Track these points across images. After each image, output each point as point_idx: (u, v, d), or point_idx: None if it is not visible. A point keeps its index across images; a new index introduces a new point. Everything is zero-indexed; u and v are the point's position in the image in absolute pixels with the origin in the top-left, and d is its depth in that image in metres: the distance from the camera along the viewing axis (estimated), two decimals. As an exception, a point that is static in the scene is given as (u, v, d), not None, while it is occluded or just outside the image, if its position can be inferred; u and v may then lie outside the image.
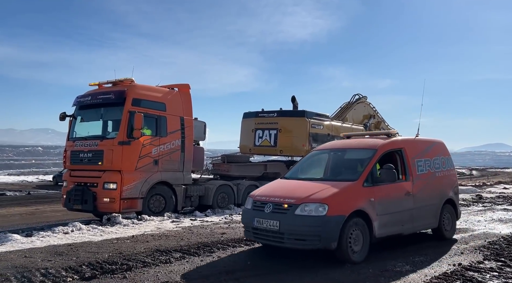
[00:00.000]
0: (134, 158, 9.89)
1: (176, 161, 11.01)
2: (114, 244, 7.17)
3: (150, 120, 10.31)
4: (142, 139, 10.00)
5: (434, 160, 7.71)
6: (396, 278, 5.34)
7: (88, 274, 5.30)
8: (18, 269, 5.48)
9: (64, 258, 6.11)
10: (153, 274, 5.42)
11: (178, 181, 11.11)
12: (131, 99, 9.92)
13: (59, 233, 8.21)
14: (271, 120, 15.80)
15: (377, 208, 6.20)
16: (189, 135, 11.26)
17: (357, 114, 20.29)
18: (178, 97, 11.22)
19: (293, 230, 5.73)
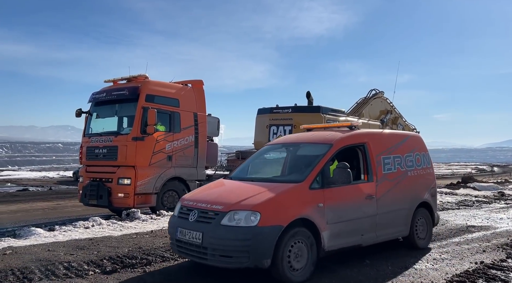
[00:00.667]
0: (148, 153, 9.98)
1: (190, 157, 11.06)
2: (134, 239, 7.29)
3: (163, 116, 10.39)
4: (156, 135, 10.06)
5: (407, 157, 6.63)
6: (416, 276, 5.27)
7: (109, 268, 5.41)
8: (42, 262, 5.64)
9: (86, 252, 6.25)
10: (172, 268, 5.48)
11: (191, 177, 11.14)
12: (145, 95, 9.99)
13: (80, 227, 8.40)
14: (285, 116, 15.66)
15: (328, 215, 5.13)
16: (202, 131, 11.31)
17: (373, 110, 19.98)
18: (191, 93, 11.26)
19: (217, 244, 4.61)
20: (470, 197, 15.40)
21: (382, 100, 20.90)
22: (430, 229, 7.02)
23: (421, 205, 6.75)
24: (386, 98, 21.19)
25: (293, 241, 4.78)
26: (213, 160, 12.46)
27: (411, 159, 6.71)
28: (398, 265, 5.73)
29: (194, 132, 11.05)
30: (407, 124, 22.75)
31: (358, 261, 5.85)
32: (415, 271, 5.50)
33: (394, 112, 21.54)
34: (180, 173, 10.81)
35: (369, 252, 6.23)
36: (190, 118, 11.02)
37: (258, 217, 4.58)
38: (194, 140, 11.08)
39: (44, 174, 33.43)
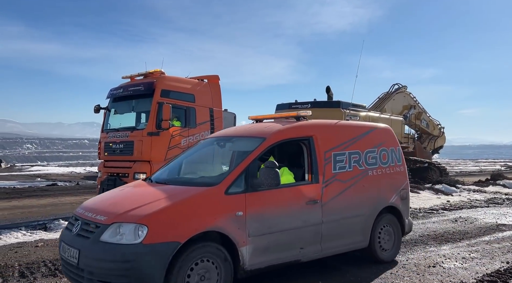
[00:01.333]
0: (163, 148, 9.99)
1: None
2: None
3: (179, 112, 10.40)
4: (171, 131, 10.05)
5: (368, 153, 5.52)
6: (444, 275, 5.14)
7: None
8: (71, 254, 5.79)
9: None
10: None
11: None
12: (160, 90, 10.01)
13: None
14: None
15: (250, 225, 4.14)
16: (218, 127, 11.17)
17: (396, 105, 19.56)
18: (207, 89, 11.21)
19: (93, 267, 3.62)
20: (499, 194, 14.90)
21: (405, 95, 20.38)
22: (398, 238, 5.87)
23: (386, 210, 5.63)
24: (409, 93, 20.63)
25: (195, 261, 3.79)
26: None
27: (374, 155, 5.60)
28: (426, 263, 5.60)
29: (210, 128, 10.98)
30: (431, 120, 22.24)
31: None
32: (444, 269, 5.37)
33: (417, 107, 20.99)
34: None
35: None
36: (206, 114, 10.98)
37: (145, 231, 3.60)
38: None
39: (72, 169, 34.39)
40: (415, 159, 18.31)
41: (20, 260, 5.54)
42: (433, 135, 22.44)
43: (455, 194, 14.76)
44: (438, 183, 17.00)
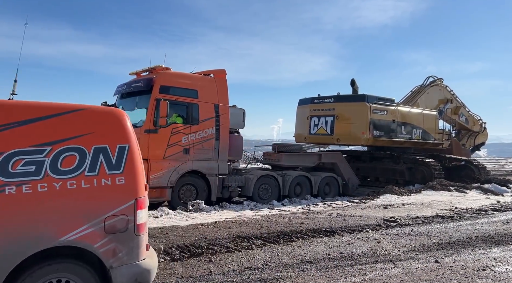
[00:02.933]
0: (161, 146, 9.73)
1: (210, 150, 10.58)
2: (199, 229, 7.58)
3: (180, 108, 10.11)
4: (171, 128, 9.81)
5: (15, 156, 3.18)
6: (495, 279, 4.88)
7: (178, 256, 5.69)
8: (117, 248, 6.06)
9: (156, 240, 6.61)
10: (236, 259, 5.64)
11: (212, 171, 10.64)
12: (159, 86, 9.77)
13: (150, 216, 8.89)
14: (327, 107, 14.68)
15: None
16: (224, 123, 10.82)
17: (430, 99, 18.36)
18: (212, 84, 10.77)
19: None
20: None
21: (441, 88, 19.03)
22: None
23: (63, 255, 3.31)
24: (445, 86, 19.35)
25: None
26: (238, 153, 11.78)
27: (38, 158, 3.26)
28: (474, 266, 5.35)
29: (215, 124, 10.62)
30: (470, 115, 20.79)
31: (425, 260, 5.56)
32: (494, 273, 5.10)
33: (455, 102, 19.66)
34: (198, 166, 10.40)
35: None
36: (211, 110, 10.58)
37: None
38: (214, 133, 10.62)
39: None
40: (450, 157, 17.14)
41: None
42: (474, 131, 20.93)
43: (506, 194, 13.93)
44: (487, 182, 16.06)
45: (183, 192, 10.27)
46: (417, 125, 15.83)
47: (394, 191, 13.03)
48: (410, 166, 15.15)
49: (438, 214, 9.70)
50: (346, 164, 14.41)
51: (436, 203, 11.48)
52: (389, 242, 6.80)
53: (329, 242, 6.75)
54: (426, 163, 14.84)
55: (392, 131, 14.88)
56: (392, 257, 5.86)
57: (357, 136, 14.13)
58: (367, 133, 13.92)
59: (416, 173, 15.09)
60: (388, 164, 15.49)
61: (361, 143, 14.48)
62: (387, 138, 14.77)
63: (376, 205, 11.07)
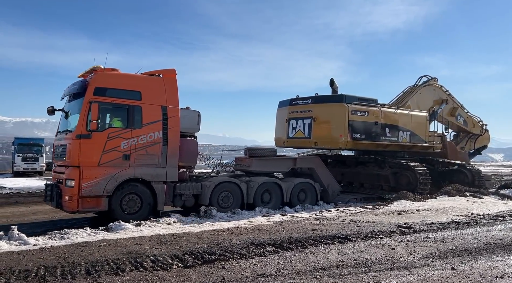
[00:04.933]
0: (96, 152, 9.05)
1: (156, 155, 9.73)
2: (212, 236, 7.59)
3: (119, 111, 9.48)
4: (107, 132, 9.19)
5: None
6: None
7: (191, 262, 5.71)
8: (131, 254, 6.12)
9: (169, 247, 6.66)
10: (249, 266, 5.62)
11: (158, 178, 9.78)
12: (93, 88, 9.16)
13: (163, 223, 8.95)
14: (305, 108, 13.83)
15: None
16: (174, 127, 10.00)
17: (423, 99, 17.04)
18: (160, 85, 10.04)
19: None
20: None
21: (435, 88, 17.79)
22: None
23: None
24: (440, 86, 18.04)
25: None
26: (191, 158, 10.85)
27: None
28: (492, 274, 5.23)
29: (162, 128, 9.82)
30: (470, 116, 19.34)
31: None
32: (513, 281, 4.98)
33: (451, 102, 18.33)
34: (141, 173, 9.55)
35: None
36: (157, 112, 9.81)
37: None
38: (161, 137, 9.80)
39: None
40: (443, 161, 15.98)
41: (86, 258, 5.94)
42: (473, 133, 19.62)
43: (524, 199, 13.64)
44: (505, 187, 15.65)
45: (125, 202, 9.41)
46: (404, 127, 14.76)
47: (408, 197, 12.86)
48: (395, 171, 14.22)
49: (453, 220, 9.53)
50: (325, 169, 13.51)
51: (452, 209, 11.29)
52: (404, 248, 6.71)
53: (342, 248, 6.69)
54: (411, 167, 13.78)
55: (374, 134, 13.84)
56: (407, 264, 5.78)
57: (334, 140, 13.26)
58: (345, 136, 13.03)
59: (401, 178, 14.09)
60: (373, 168, 14.58)
61: (339, 146, 13.56)
62: (369, 141, 13.73)
63: (390, 211, 10.94)
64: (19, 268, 5.41)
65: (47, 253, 6.23)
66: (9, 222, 9.39)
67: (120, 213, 9.27)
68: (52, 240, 7.32)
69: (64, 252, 6.30)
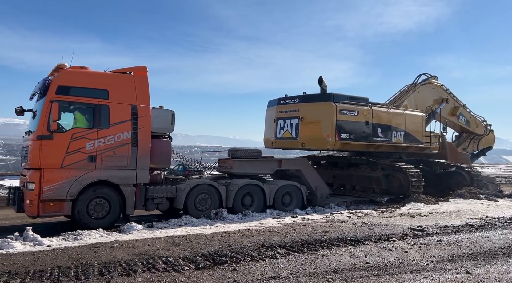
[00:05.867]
0: (58, 153, 8.59)
1: (125, 157, 9.23)
2: (223, 237, 7.60)
3: (84, 110, 9.03)
4: (70, 133, 8.74)
5: None
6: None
7: (202, 264, 5.72)
8: (143, 256, 6.17)
9: (181, 248, 6.68)
10: (260, 268, 5.62)
11: (127, 180, 9.25)
12: (56, 87, 8.74)
13: (174, 225, 9.01)
14: (292, 108, 13.26)
15: None
16: (145, 127, 9.50)
17: (422, 98, 16.28)
18: (130, 83, 9.56)
19: None
20: None
21: (435, 87, 17.06)
22: None
23: None
24: (440, 84, 17.30)
25: None
26: (164, 159, 10.19)
27: None
28: (508, 278, 5.14)
29: (132, 128, 9.33)
30: (472, 116, 18.49)
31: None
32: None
33: (453, 102, 17.54)
34: (108, 176, 9.06)
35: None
36: (126, 112, 9.33)
37: None
38: (131, 137, 9.31)
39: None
40: (441, 162, 15.18)
41: (98, 259, 6.00)
42: (477, 134, 18.70)
43: (540, 202, 13.37)
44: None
45: (92, 206, 8.92)
46: (397, 127, 14.09)
47: (420, 199, 12.71)
48: (387, 173, 13.56)
49: (467, 223, 9.39)
50: (313, 171, 13.06)
51: (465, 212, 11.12)
52: (417, 251, 6.63)
53: (354, 251, 6.63)
54: (403, 169, 13.10)
55: (365, 134, 13.21)
56: (420, 267, 5.71)
57: (321, 140, 12.63)
58: (333, 136, 12.44)
59: (393, 180, 13.45)
60: (365, 170, 13.94)
61: (326, 147, 12.96)
62: (358, 142, 13.09)
63: (402, 213, 10.82)
64: (33, 269, 5.49)
65: (61, 254, 6.31)
66: (24, 222, 9.53)
67: (86, 218, 8.81)
68: (65, 241, 7.42)
69: (78, 253, 6.38)
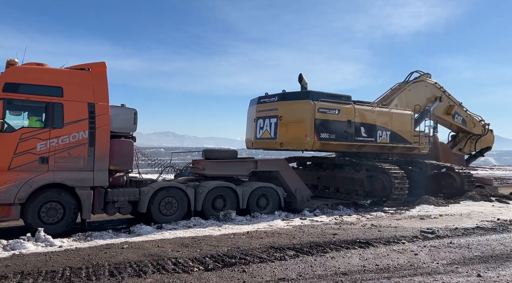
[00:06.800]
0: (4, 155, 8.14)
1: (81, 158, 8.68)
2: (232, 239, 7.62)
3: (35, 109, 8.60)
4: (19, 133, 8.26)
5: None
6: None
7: (211, 265, 5.74)
8: (153, 257, 6.22)
9: (190, 250, 6.72)
10: (269, 270, 5.63)
11: (83, 183, 8.69)
12: (3, 84, 8.28)
13: (183, 226, 9.07)
14: (271, 107, 12.78)
15: None
16: (103, 126, 8.98)
17: (413, 96, 15.50)
18: (87, 79, 9.02)
19: None
20: None
21: (428, 85, 16.32)
22: None
23: None
24: (434, 82, 16.56)
25: None
26: (125, 160, 9.57)
27: None
28: (519, 282, 5.07)
29: (89, 127, 8.81)
30: (469, 115, 17.72)
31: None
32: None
33: (447, 100, 16.81)
34: (62, 178, 8.51)
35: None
36: (82, 110, 8.81)
37: None
38: (88, 137, 8.79)
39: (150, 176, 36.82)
40: (431, 163, 14.44)
41: (109, 260, 6.06)
42: (474, 134, 17.93)
43: (553, 204, 13.16)
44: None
45: (45, 210, 8.37)
46: (383, 126, 13.47)
47: (430, 201, 12.61)
48: (371, 174, 12.87)
49: (478, 225, 9.28)
50: (292, 172, 12.41)
51: (476, 214, 11.00)
52: (427, 254, 6.58)
53: (363, 253, 6.61)
54: (385, 170, 12.35)
55: (346, 134, 12.62)
56: (430, 270, 5.66)
57: (299, 140, 12.07)
58: (311, 136, 11.89)
59: (375, 182, 12.74)
60: (348, 172, 13.26)
61: (304, 147, 12.35)
62: (339, 142, 12.49)
63: (412, 215, 10.74)
64: (46, 269, 5.57)
65: (72, 255, 6.39)
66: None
67: (37, 223, 8.21)
68: (76, 241, 7.52)
69: (88, 253, 6.45)
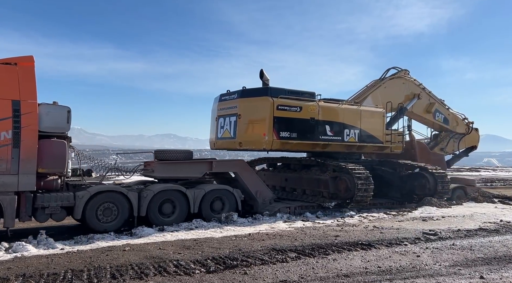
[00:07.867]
0: None
1: (3, 160, 7.99)
2: (233, 241, 7.61)
3: None
4: None
5: None
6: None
7: (213, 267, 5.74)
8: (155, 259, 6.21)
9: (191, 252, 6.71)
10: (271, 272, 5.61)
11: (5, 187, 7.97)
12: None
13: (185, 228, 9.06)
14: (231, 104, 12.16)
15: None
16: (30, 125, 8.30)
17: (389, 94, 14.70)
18: (11, 75, 8.29)
19: None
20: None
21: (405, 82, 15.59)
22: None
23: None
24: (413, 79, 15.87)
25: None
26: (56, 163, 8.68)
27: None
28: (523, 284, 5.04)
29: (13, 127, 8.14)
30: (451, 113, 16.89)
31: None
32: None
33: (426, 97, 16.06)
34: None
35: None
36: (5, 108, 8.13)
37: None
38: (11, 138, 8.10)
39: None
40: (404, 163, 13.77)
41: (111, 262, 6.06)
42: (457, 133, 17.06)
43: (556, 206, 13.09)
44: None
45: None
46: (351, 124, 12.83)
47: (433, 203, 12.56)
48: (336, 175, 12.17)
49: (481, 227, 9.24)
50: (252, 174, 11.67)
51: (479, 216, 10.95)
52: (429, 256, 6.55)
53: (365, 255, 6.58)
54: (349, 171, 11.62)
55: (309, 133, 11.99)
56: (433, 272, 5.64)
57: (257, 140, 11.45)
58: (269, 135, 11.26)
59: (340, 183, 11.94)
60: (314, 173, 12.67)
61: (262, 147, 11.62)
62: (301, 141, 11.81)
63: (414, 217, 10.70)
64: (47, 271, 5.58)
65: (74, 257, 6.39)
66: (38, 226, 9.67)
67: None
68: (78, 244, 7.53)
69: (90, 256, 6.46)
